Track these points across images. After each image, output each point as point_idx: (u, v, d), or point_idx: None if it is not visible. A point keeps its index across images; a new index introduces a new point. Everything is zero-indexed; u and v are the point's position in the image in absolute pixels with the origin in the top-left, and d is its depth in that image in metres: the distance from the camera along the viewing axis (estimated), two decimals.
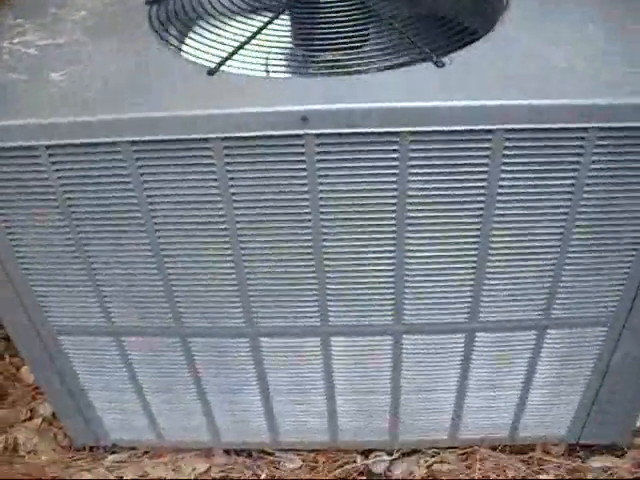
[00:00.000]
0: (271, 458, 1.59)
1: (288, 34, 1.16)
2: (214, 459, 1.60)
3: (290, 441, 1.54)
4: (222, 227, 1.08)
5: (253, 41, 1.11)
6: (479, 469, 1.53)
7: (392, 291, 1.17)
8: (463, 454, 1.55)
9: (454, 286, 1.17)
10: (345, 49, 1.10)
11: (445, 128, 0.95)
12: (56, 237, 1.12)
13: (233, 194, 1.03)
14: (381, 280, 1.15)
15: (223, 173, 1.01)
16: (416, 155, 0.98)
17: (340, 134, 0.96)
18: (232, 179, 1.01)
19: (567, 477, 1.50)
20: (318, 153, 0.98)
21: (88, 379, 1.39)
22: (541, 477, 1.50)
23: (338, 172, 1.00)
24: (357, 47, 1.10)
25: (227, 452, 1.61)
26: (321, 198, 1.03)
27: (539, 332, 1.26)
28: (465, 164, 1.00)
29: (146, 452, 1.61)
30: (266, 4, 1.22)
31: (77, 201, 1.07)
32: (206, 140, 0.97)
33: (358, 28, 1.12)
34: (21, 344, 1.34)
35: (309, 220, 1.06)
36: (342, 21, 1.13)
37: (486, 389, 1.39)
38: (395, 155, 0.98)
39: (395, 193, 1.02)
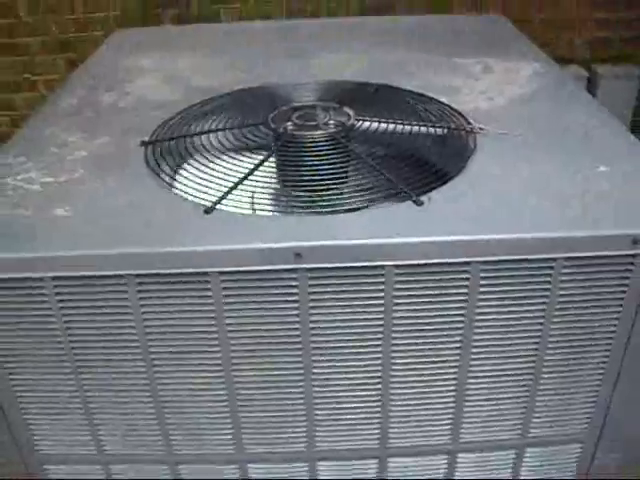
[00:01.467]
0: None
1: (275, 175, 1.26)
2: None
3: None
4: (216, 356, 1.13)
5: (244, 182, 1.21)
6: None
7: (378, 415, 1.21)
8: None
9: (437, 409, 1.22)
10: (329, 189, 1.20)
11: (427, 261, 1.04)
12: (52, 364, 1.15)
13: (228, 324, 1.09)
14: (368, 405, 1.20)
15: (220, 304, 1.07)
16: (400, 286, 1.06)
17: (331, 268, 1.04)
18: (228, 310, 1.07)
19: None
20: (310, 286, 1.05)
21: None
22: None
23: (329, 303, 1.07)
24: (339, 186, 1.20)
25: None
26: (312, 327, 1.09)
27: (518, 451, 1.30)
28: (445, 293, 1.08)
29: None
30: (255, 145, 1.33)
31: (76, 330, 1.11)
32: (205, 274, 1.04)
33: (340, 169, 1.23)
34: (3, 472, 1.33)
35: (300, 349, 1.12)
36: (325, 163, 1.24)
37: None
38: (381, 287, 1.06)
39: (382, 322, 1.09)
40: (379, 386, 1.17)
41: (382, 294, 1.06)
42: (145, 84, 1.72)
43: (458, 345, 1.14)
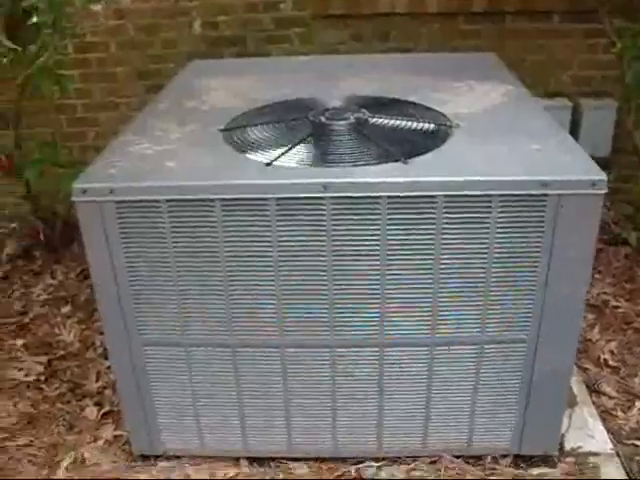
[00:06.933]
0: (284, 466, 2.07)
1: (311, 147, 1.86)
2: (240, 467, 2.08)
3: (301, 449, 2.04)
4: (269, 260, 1.70)
5: (292, 150, 1.80)
6: (445, 473, 2.01)
7: (378, 307, 1.76)
8: (433, 462, 2.04)
9: (420, 308, 1.76)
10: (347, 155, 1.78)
11: (407, 194, 1.60)
12: (159, 265, 1.73)
13: (279, 236, 1.66)
14: (370, 296, 1.75)
15: (274, 220, 1.64)
16: (391, 211, 1.63)
17: (346, 197, 1.61)
18: (280, 224, 1.65)
19: None
20: (333, 209, 1.62)
21: (158, 388, 1.92)
22: (492, 478, 1.99)
23: (346, 221, 1.64)
24: (355, 154, 1.79)
25: (250, 462, 2.09)
26: (333, 240, 1.66)
27: (479, 347, 1.82)
28: (419, 219, 1.64)
29: (189, 460, 2.09)
30: (296, 132, 1.93)
31: (179, 238, 1.69)
32: (266, 199, 1.62)
33: (355, 144, 1.82)
34: (115, 356, 1.89)
35: (325, 255, 1.69)
36: (345, 141, 1.83)
37: (445, 403, 1.92)
38: (379, 210, 1.63)
39: (378, 241, 1.66)
40: (378, 289, 1.73)
41: (380, 216, 1.63)
42: (217, 96, 2.33)
43: (431, 258, 1.69)
